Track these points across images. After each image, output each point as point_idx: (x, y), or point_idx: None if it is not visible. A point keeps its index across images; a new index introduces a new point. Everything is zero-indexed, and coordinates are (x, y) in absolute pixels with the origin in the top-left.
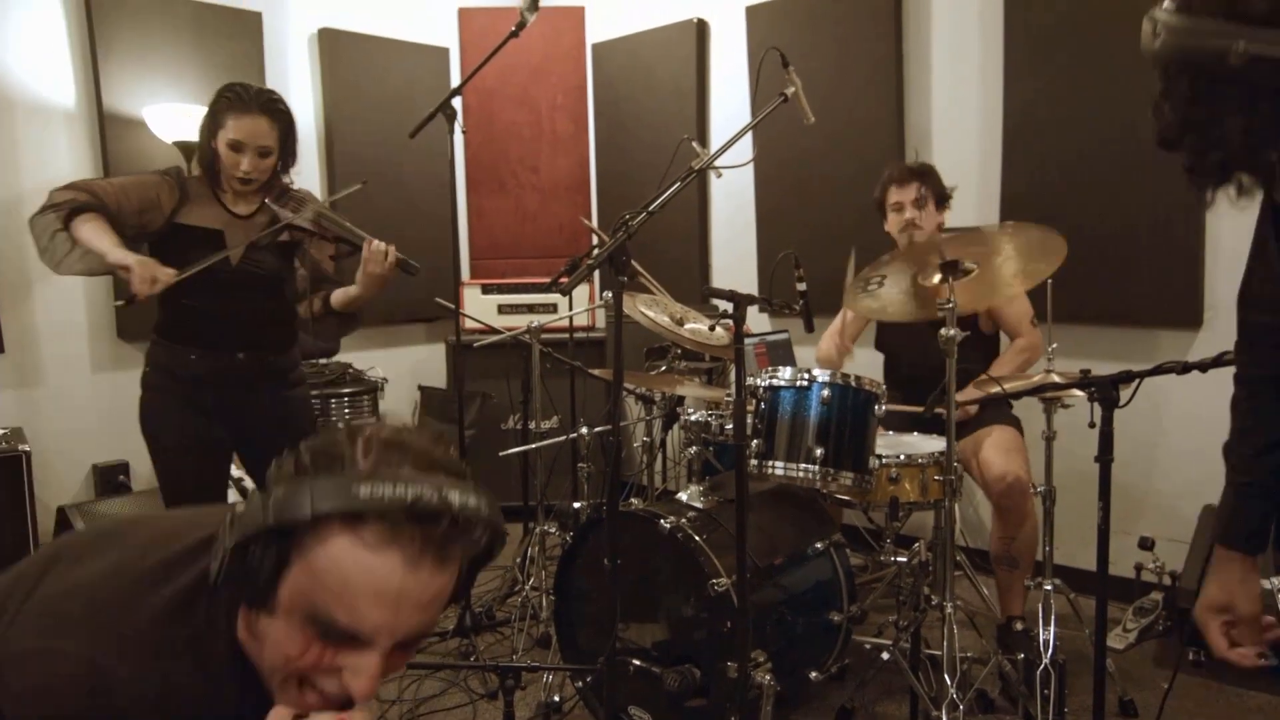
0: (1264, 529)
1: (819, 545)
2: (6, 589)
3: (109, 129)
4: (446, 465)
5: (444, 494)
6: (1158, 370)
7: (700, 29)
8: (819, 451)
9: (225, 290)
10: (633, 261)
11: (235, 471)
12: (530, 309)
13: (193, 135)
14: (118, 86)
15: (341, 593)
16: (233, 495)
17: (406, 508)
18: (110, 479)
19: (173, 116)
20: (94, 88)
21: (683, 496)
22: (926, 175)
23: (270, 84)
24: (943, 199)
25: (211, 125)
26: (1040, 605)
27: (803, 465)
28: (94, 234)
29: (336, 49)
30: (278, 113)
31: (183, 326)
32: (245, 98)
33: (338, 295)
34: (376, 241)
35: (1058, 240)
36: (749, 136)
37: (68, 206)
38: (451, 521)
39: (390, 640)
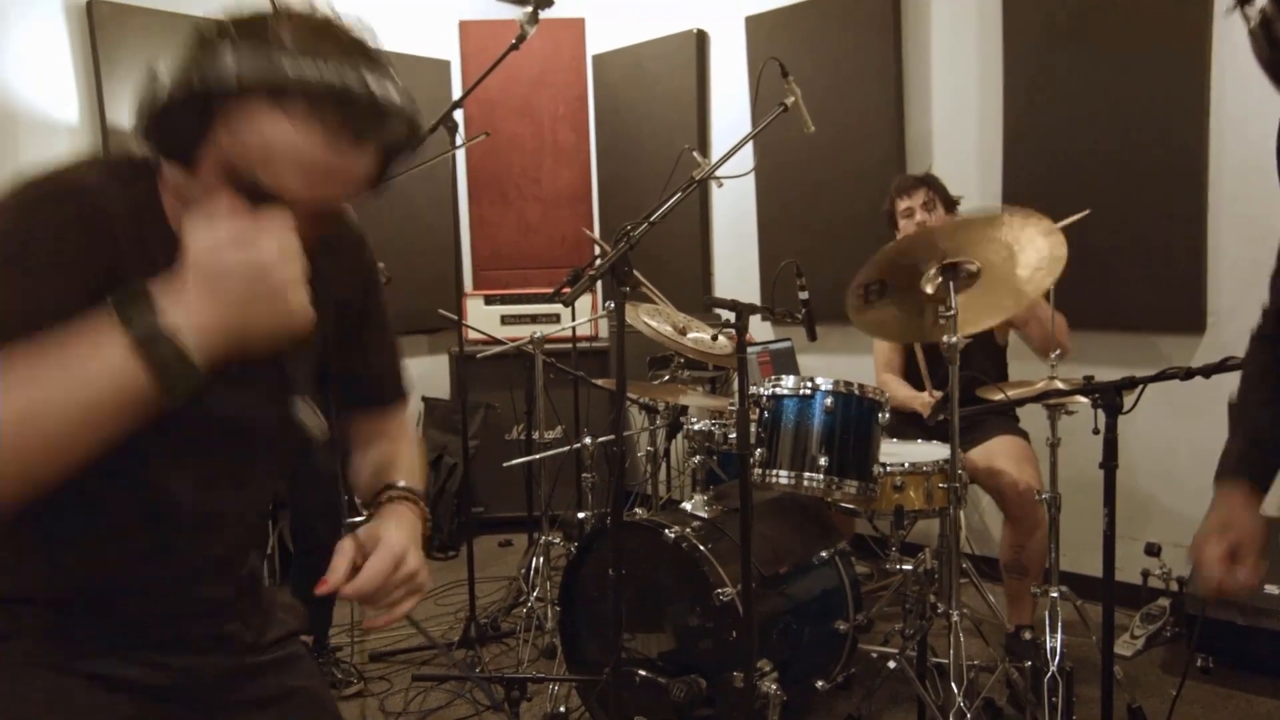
0: (1265, 462)
1: (824, 554)
2: None
3: (112, 143)
4: (371, 54)
5: (367, 80)
6: (1161, 376)
7: (700, 39)
8: (823, 460)
9: None
10: (635, 271)
11: None
12: (533, 319)
13: None
14: (121, 101)
15: (265, 161)
16: None
17: (332, 90)
18: None
19: None
20: (97, 102)
21: (687, 506)
22: (931, 182)
23: None
24: (950, 204)
25: None
26: (1047, 612)
27: (807, 474)
28: None
29: None
30: None
31: None
32: None
33: None
34: None
35: (1058, 237)
36: (750, 146)
37: None
38: (373, 108)
39: (303, 206)
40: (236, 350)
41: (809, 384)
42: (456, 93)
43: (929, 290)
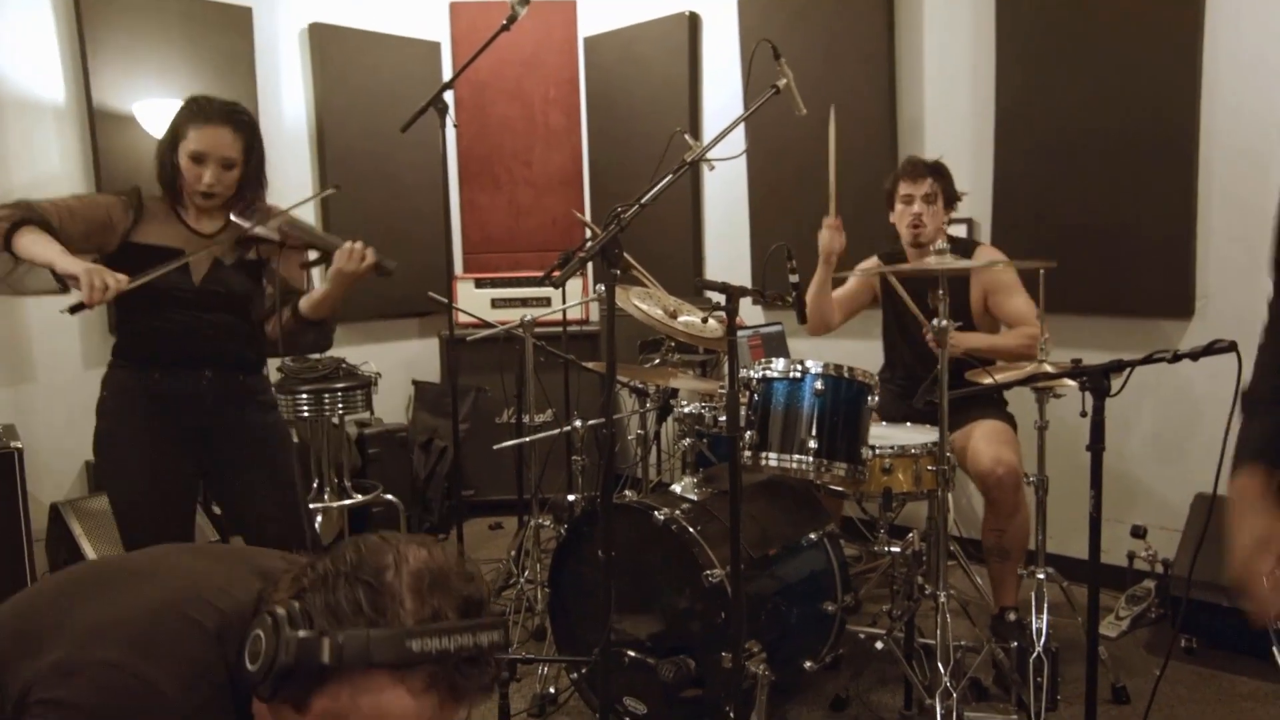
0: None
1: (813, 536)
2: (25, 615)
3: (99, 125)
4: (481, 604)
5: (483, 644)
6: (1149, 359)
7: (692, 21)
8: (812, 443)
9: (189, 309)
10: (625, 254)
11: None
12: (523, 303)
13: None
14: (107, 82)
15: None
16: (200, 520)
17: (454, 663)
18: None
19: (163, 112)
20: (83, 84)
21: (677, 488)
22: (941, 173)
23: (261, 80)
24: (951, 199)
25: (172, 139)
26: (1033, 594)
27: (796, 456)
28: (35, 245)
29: (327, 44)
30: (241, 123)
31: (144, 346)
32: (207, 109)
33: (305, 302)
34: (350, 242)
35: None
36: (741, 128)
37: (7, 223)
38: (486, 666)
39: None
40: None
41: (799, 367)
42: (447, 74)
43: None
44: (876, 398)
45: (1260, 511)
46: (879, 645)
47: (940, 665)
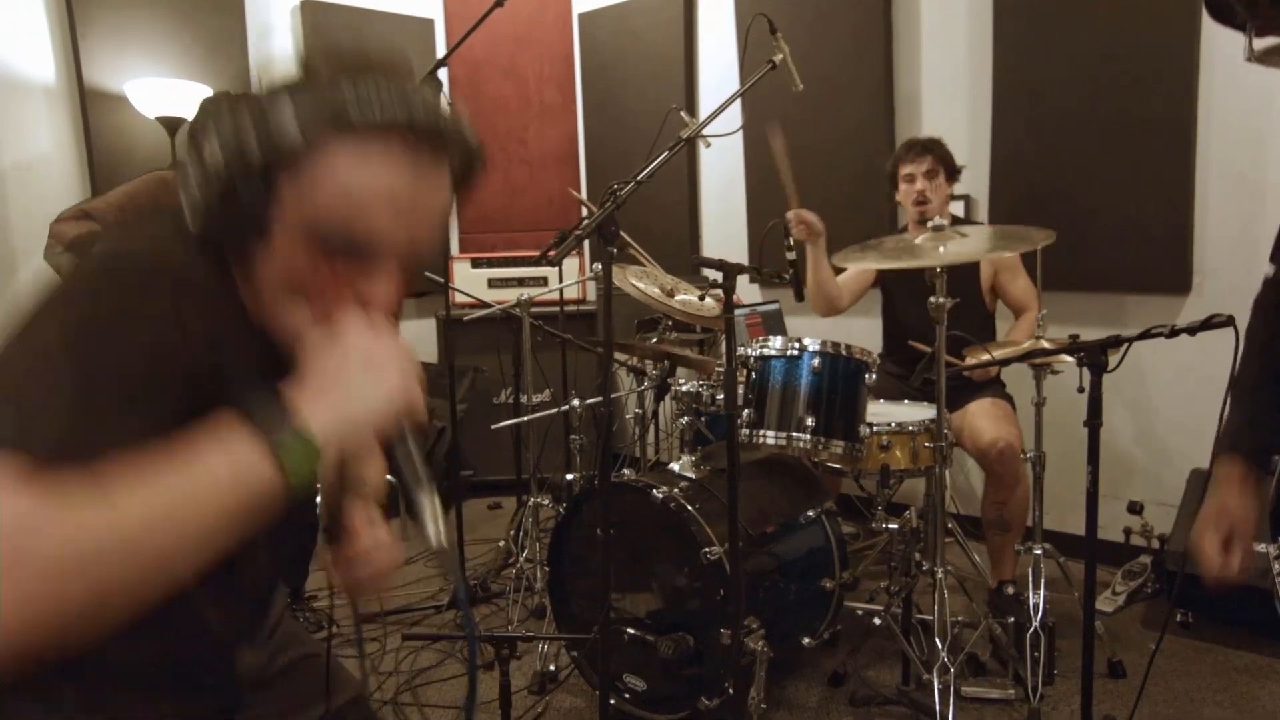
0: (1263, 440)
1: (811, 513)
2: None
3: (90, 105)
4: (410, 70)
5: (424, 97)
6: (1146, 335)
7: None
8: (810, 420)
9: None
10: (621, 233)
11: None
12: (520, 282)
13: (176, 110)
14: (98, 62)
15: (351, 207)
16: None
17: (400, 112)
18: None
19: (155, 92)
20: (74, 63)
21: (675, 467)
22: (938, 148)
23: (253, 58)
24: (952, 172)
25: None
26: (1030, 569)
27: (794, 434)
28: None
29: (320, 21)
30: None
31: None
32: None
33: None
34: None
35: (1046, 234)
36: (738, 105)
37: (82, 244)
38: (438, 122)
39: (400, 250)
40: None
41: (796, 345)
42: (441, 51)
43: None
44: (874, 375)
45: (1220, 494)
46: (877, 621)
47: (938, 641)
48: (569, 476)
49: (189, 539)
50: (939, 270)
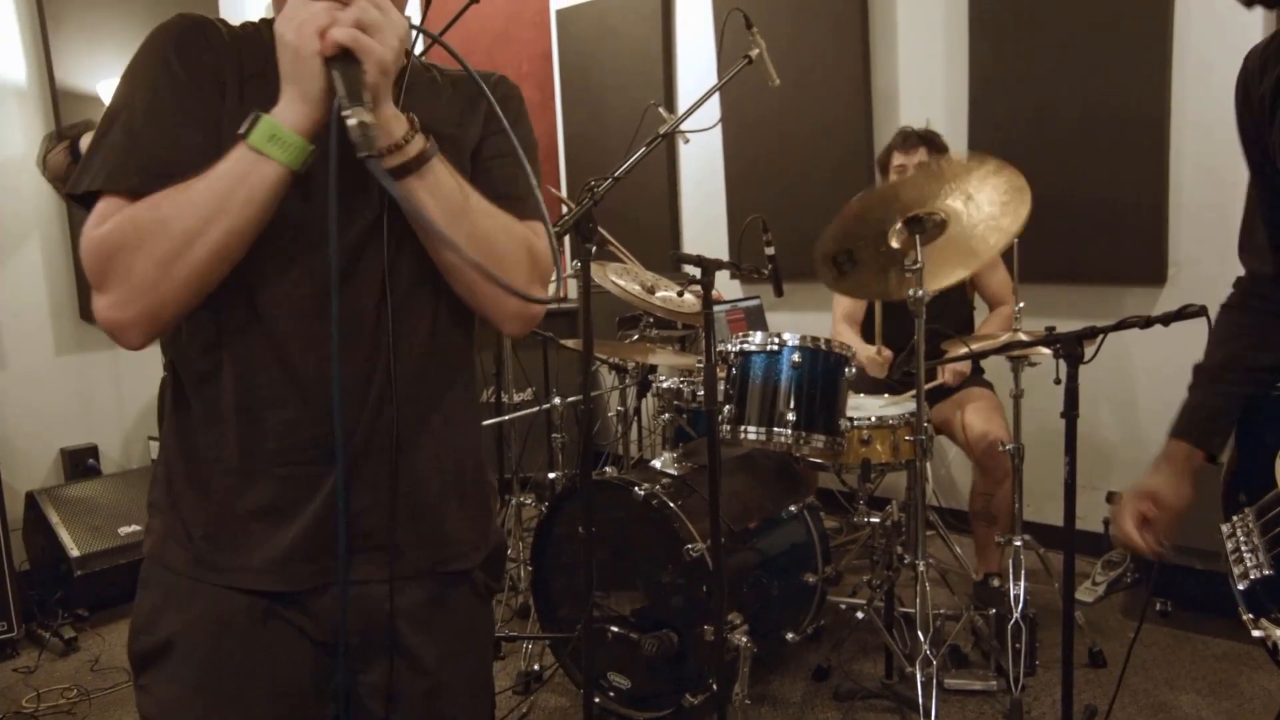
0: (1212, 429)
1: (793, 508)
2: None
3: (62, 105)
4: None
5: None
6: (1121, 325)
7: None
8: (791, 415)
9: None
10: (601, 230)
11: None
12: None
13: None
14: (70, 62)
15: None
16: None
17: None
18: (79, 462)
19: None
20: (45, 64)
21: (657, 464)
22: (931, 141)
23: None
24: None
25: None
26: (1010, 561)
27: (775, 429)
28: None
29: None
30: None
31: None
32: None
33: None
34: None
35: (1020, 180)
36: (716, 100)
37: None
38: None
39: None
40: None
41: (776, 340)
42: (417, 49)
43: (895, 244)
44: (854, 369)
45: (1154, 474)
46: (860, 615)
47: (920, 633)
48: (551, 475)
49: (212, 213)
50: (917, 263)
